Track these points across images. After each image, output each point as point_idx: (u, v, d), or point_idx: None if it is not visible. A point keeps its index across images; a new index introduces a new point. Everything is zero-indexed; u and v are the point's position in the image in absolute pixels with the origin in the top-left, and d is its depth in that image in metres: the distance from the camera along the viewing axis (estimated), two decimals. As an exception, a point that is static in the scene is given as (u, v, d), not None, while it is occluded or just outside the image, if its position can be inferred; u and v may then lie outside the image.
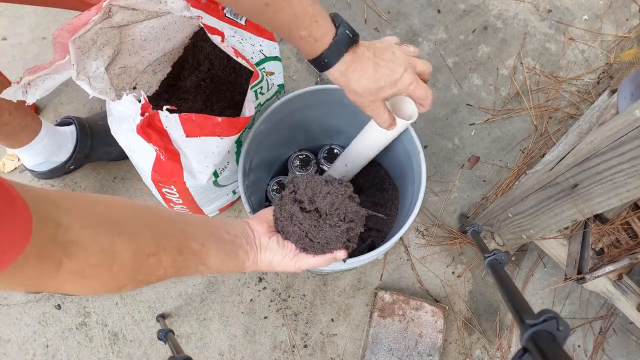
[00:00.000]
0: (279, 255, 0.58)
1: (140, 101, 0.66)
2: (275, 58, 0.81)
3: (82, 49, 0.70)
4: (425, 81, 0.62)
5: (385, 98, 0.60)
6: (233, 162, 0.83)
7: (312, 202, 0.58)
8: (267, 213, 0.61)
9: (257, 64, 0.77)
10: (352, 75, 0.58)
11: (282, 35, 0.56)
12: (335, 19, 0.56)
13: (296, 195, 0.59)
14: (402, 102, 0.68)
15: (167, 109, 0.66)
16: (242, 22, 0.77)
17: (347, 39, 0.56)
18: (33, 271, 0.33)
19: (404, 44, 0.63)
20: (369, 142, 0.73)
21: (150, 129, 0.67)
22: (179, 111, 0.68)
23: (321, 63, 0.57)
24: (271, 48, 0.81)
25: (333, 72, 0.58)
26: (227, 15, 0.74)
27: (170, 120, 0.67)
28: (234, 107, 0.87)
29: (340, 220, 0.58)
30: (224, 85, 0.88)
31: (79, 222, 0.36)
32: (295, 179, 0.61)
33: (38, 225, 0.31)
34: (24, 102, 0.83)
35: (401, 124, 0.65)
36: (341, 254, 0.60)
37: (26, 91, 0.65)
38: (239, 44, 0.75)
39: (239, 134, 0.72)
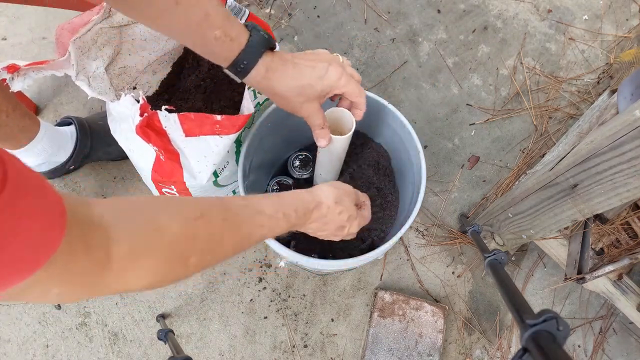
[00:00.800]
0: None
1: (139, 101, 0.66)
2: None
3: (82, 49, 0.70)
4: None
5: (316, 97, 0.58)
6: (233, 162, 0.82)
7: None
8: None
9: None
10: (274, 76, 0.56)
11: (195, 40, 0.53)
12: (248, 24, 0.55)
13: None
14: (341, 120, 0.66)
15: (166, 109, 0.66)
16: (242, 21, 0.77)
17: (263, 40, 0.54)
18: (84, 263, 0.31)
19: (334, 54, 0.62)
20: (326, 153, 0.72)
21: (149, 129, 0.67)
22: (178, 111, 0.68)
23: (240, 66, 0.54)
24: None
25: (254, 77, 0.55)
26: None
27: (169, 120, 0.67)
28: (233, 107, 0.87)
29: None
30: (224, 85, 0.88)
31: (111, 209, 0.35)
32: None
33: (72, 215, 0.29)
34: (22, 103, 0.83)
35: (338, 140, 0.64)
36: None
37: (13, 78, 0.64)
38: None
39: (238, 132, 0.72)
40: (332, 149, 0.68)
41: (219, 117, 0.69)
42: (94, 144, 0.99)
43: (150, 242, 0.36)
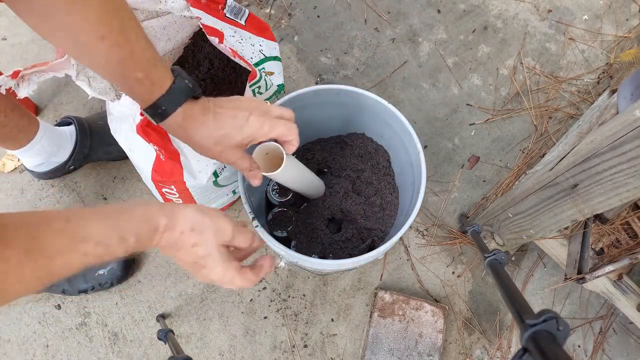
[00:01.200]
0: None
1: None
2: (275, 58, 0.81)
3: None
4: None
5: (236, 146, 0.57)
6: None
7: None
8: None
9: (257, 64, 0.77)
10: (191, 126, 0.54)
11: (116, 77, 0.51)
12: (174, 70, 0.54)
13: None
14: (275, 152, 0.64)
15: None
16: (242, 22, 0.77)
17: (186, 88, 0.53)
18: None
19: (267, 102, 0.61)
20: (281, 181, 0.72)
21: (149, 129, 0.67)
22: None
23: (158, 111, 0.53)
24: (271, 48, 0.81)
25: (171, 123, 0.54)
26: (227, 15, 0.74)
27: None
28: None
29: None
30: (224, 85, 0.88)
31: None
32: None
33: None
34: (20, 104, 0.83)
35: (273, 175, 0.63)
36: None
37: (18, 84, 0.64)
38: (239, 44, 0.75)
39: None
40: (281, 179, 0.67)
41: None
42: (94, 144, 0.99)
43: None
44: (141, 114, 0.65)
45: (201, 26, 0.70)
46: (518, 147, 1.14)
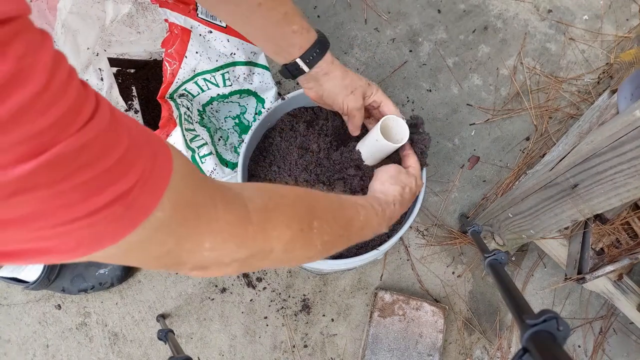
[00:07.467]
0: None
1: None
2: (250, 63, 0.81)
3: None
4: None
5: (359, 92, 0.67)
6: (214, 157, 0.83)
7: None
8: None
9: (218, 69, 0.77)
10: (337, 63, 0.64)
11: (274, 35, 0.58)
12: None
13: None
14: (395, 127, 0.69)
15: None
16: (223, 24, 0.76)
17: (324, 36, 0.62)
18: (227, 216, 0.33)
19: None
20: (369, 147, 0.75)
21: None
22: None
23: (313, 54, 0.60)
24: (247, 52, 0.80)
25: (321, 64, 0.62)
26: (199, 15, 0.73)
27: None
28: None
29: None
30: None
31: (240, 186, 0.39)
32: None
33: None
34: None
35: (385, 145, 0.68)
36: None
37: None
38: (203, 45, 0.75)
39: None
40: (378, 147, 0.71)
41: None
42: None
43: (278, 201, 0.40)
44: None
45: (167, 24, 0.70)
46: (518, 147, 1.14)
